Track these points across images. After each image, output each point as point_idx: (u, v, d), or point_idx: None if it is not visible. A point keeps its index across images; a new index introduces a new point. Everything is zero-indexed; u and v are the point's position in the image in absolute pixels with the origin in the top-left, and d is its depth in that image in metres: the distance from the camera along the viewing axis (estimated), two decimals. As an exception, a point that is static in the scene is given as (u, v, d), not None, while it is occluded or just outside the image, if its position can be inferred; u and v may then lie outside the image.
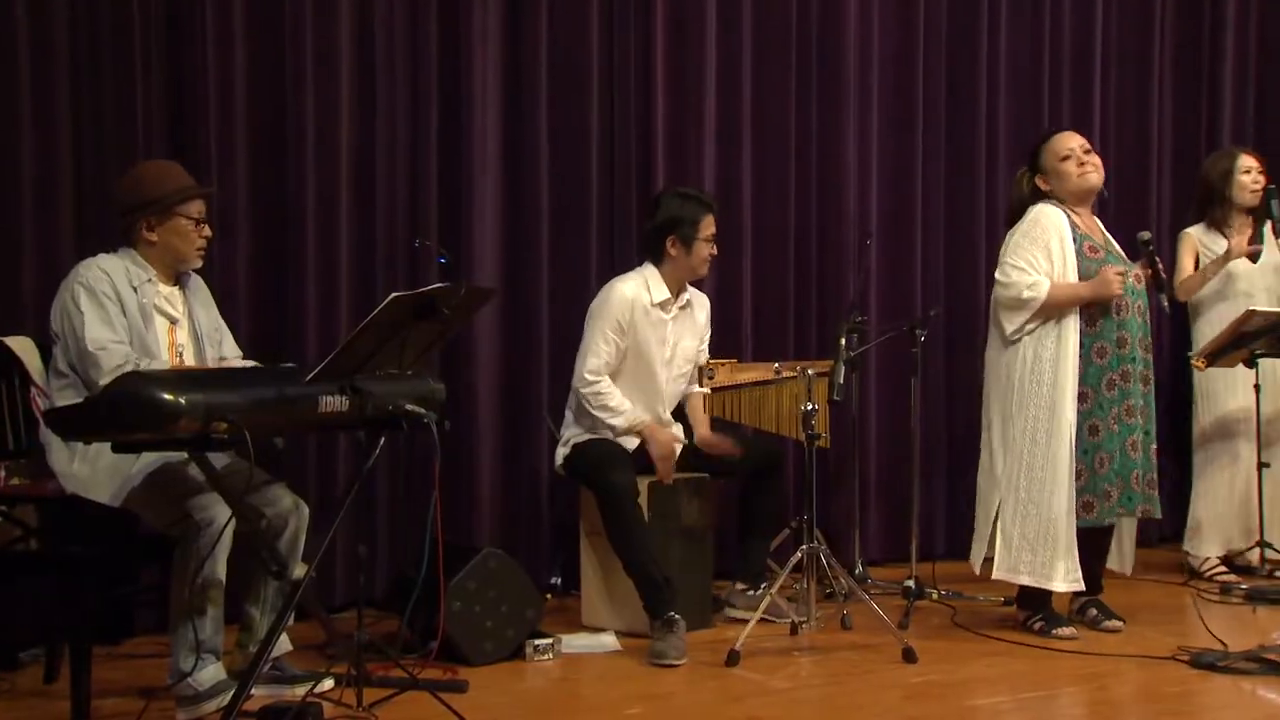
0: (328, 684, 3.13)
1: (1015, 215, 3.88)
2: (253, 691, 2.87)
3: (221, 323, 3.38)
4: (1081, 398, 3.70)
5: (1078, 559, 3.68)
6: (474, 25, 4.35)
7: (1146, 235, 3.79)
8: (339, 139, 4.19)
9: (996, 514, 3.78)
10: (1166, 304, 3.80)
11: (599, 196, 4.56)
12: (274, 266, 4.14)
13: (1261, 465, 4.54)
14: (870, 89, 4.94)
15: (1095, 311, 3.71)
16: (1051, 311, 3.69)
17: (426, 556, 2.98)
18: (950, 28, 5.08)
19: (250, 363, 3.36)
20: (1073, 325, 3.69)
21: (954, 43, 5.09)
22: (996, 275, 3.78)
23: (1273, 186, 4.49)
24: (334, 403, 2.85)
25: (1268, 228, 4.57)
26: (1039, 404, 3.71)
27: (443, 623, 3.25)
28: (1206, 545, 4.64)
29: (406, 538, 4.18)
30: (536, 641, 3.60)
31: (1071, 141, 3.81)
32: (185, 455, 2.92)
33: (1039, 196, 3.84)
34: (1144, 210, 5.29)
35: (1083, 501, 3.70)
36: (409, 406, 2.93)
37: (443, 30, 4.34)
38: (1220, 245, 4.60)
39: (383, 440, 2.99)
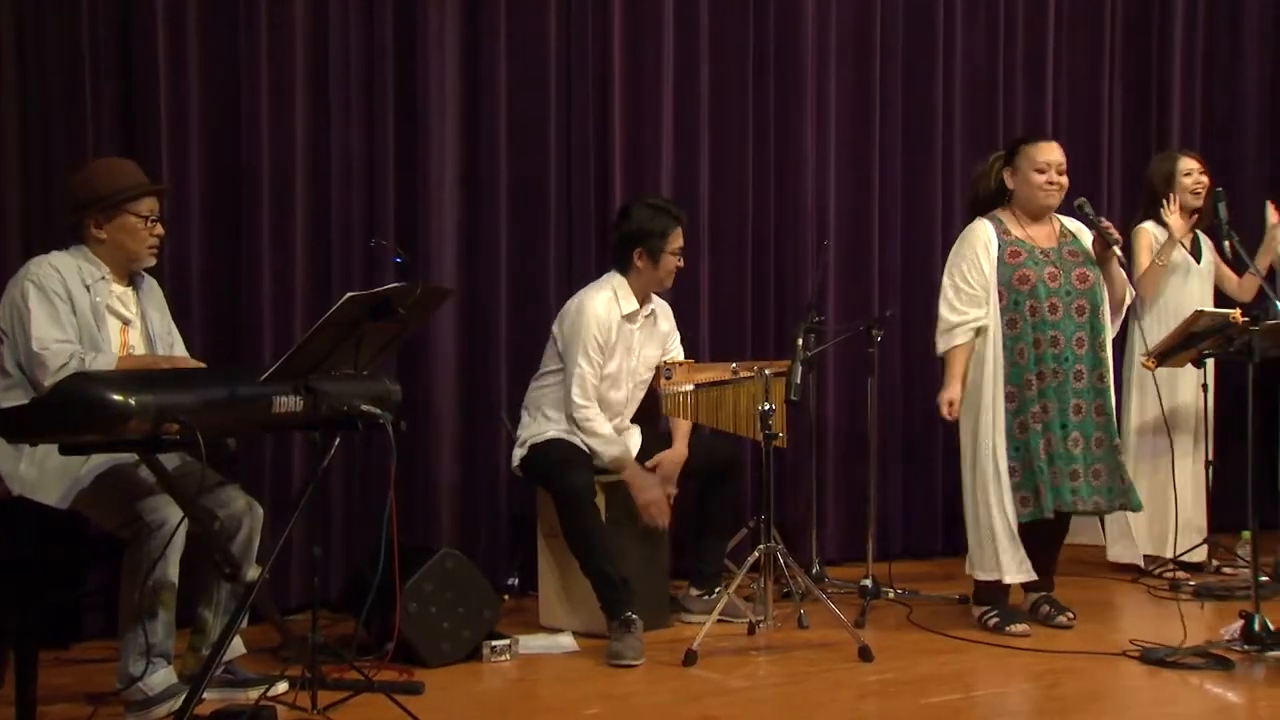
0: (282, 687, 3.10)
1: (979, 203, 3.96)
2: (205, 695, 2.84)
3: (173, 326, 3.34)
4: (1009, 397, 3.82)
5: (1022, 551, 3.79)
6: (430, 25, 4.32)
7: (1081, 200, 3.87)
8: (294, 137, 4.15)
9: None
10: (1120, 254, 3.88)
11: (557, 197, 4.55)
12: (228, 265, 4.09)
13: (1208, 463, 4.60)
14: (828, 90, 4.96)
15: (1015, 315, 3.81)
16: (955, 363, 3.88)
17: (382, 557, 2.96)
18: (906, 31, 5.11)
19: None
20: (994, 329, 3.82)
21: (910, 46, 5.12)
22: (945, 290, 3.91)
23: (1219, 189, 4.56)
24: (288, 403, 2.83)
25: (1204, 235, 4.65)
26: (975, 405, 3.84)
27: (399, 624, 3.23)
28: (1155, 543, 4.70)
29: (362, 539, 4.16)
30: (493, 643, 3.58)
31: (1051, 155, 3.89)
32: (135, 456, 2.88)
33: (1002, 192, 3.92)
34: (1095, 211, 5.33)
35: (1019, 497, 3.79)
36: (364, 407, 2.91)
37: (399, 30, 4.31)
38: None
39: (338, 441, 2.96)
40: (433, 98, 4.32)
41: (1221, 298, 4.79)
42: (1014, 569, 3.80)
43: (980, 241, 3.86)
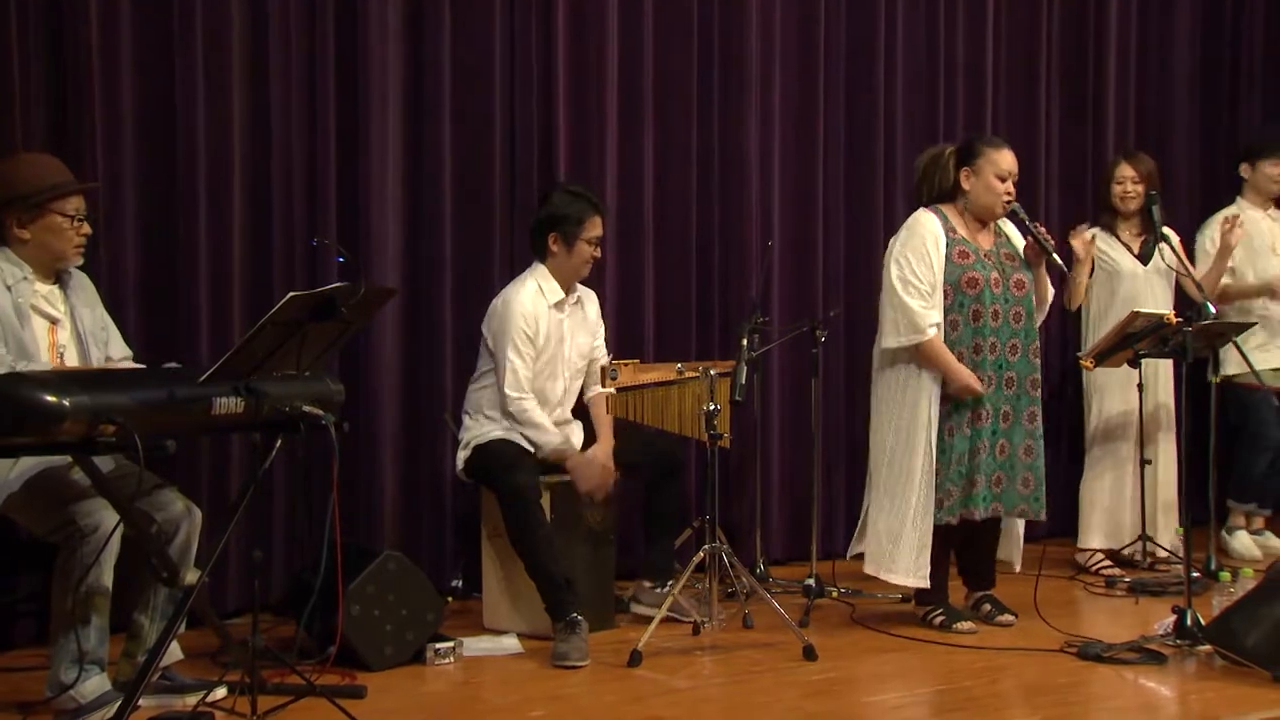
0: (220, 693, 3.05)
1: (929, 195, 3.94)
2: (140, 703, 2.79)
3: (109, 321, 3.27)
4: (942, 400, 3.82)
5: (927, 555, 3.79)
6: (372, 20, 4.27)
7: (1015, 204, 3.89)
8: (232, 133, 4.07)
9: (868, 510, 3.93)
10: (1059, 260, 3.91)
11: (501, 195, 4.52)
12: (164, 264, 4.01)
13: (1144, 462, 4.70)
14: (771, 91, 4.98)
15: (957, 316, 3.84)
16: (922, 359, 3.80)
17: (324, 560, 2.93)
18: (848, 32, 5.15)
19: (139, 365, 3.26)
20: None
21: (852, 47, 5.15)
22: (892, 283, 3.83)
23: (1154, 193, 4.65)
24: (228, 404, 2.79)
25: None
26: (902, 405, 3.83)
27: (341, 627, 3.19)
28: (1094, 540, 4.78)
29: (305, 541, 4.10)
30: (437, 645, 3.56)
31: (1012, 164, 3.89)
32: (68, 459, 2.82)
33: (957, 188, 3.92)
34: (1032, 218, 5.41)
35: (936, 499, 3.81)
36: (307, 408, 2.88)
37: (340, 25, 4.26)
38: (1115, 249, 4.77)
39: (279, 443, 2.92)
40: (374, 94, 4.28)
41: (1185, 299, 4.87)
42: (909, 571, 3.79)
43: (930, 235, 3.83)
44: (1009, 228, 4.01)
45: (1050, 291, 4.04)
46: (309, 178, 4.23)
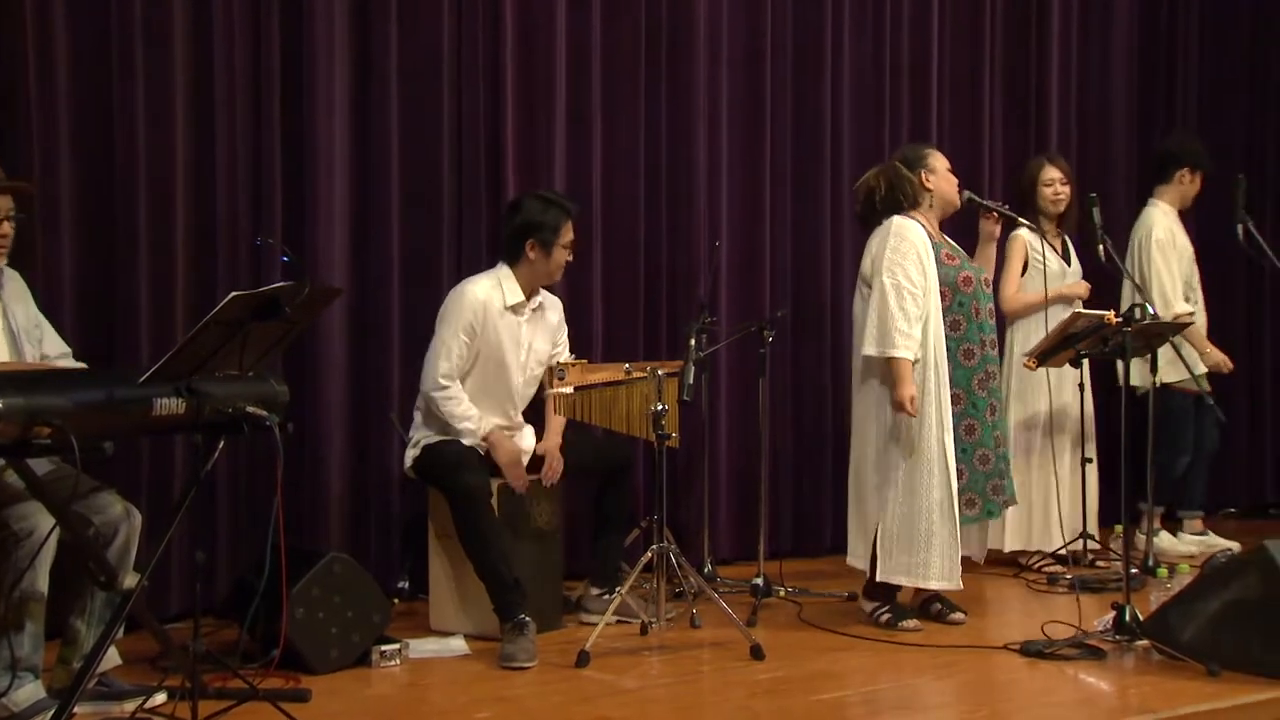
0: (160, 698, 3.01)
1: (886, 206, 3.93)
2: (76, 710, 2.74)
3: (43, 319, 3.21)
4: (954, 400, 3.86)
5: (959, 556, 3.81)
6: (318, 17, 4.23)
7: (967, 193, 4.03)
8: (174, 131, 4.01)
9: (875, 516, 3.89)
10: (1024, 221, 4.03)
11: (449, 196, 4.50)
12: (103, 263, 3.94)
13: (1084, 461, 4.77)
14: (719, 92, 5.00)
15: (959, 315, 3.91)
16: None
17: (268, 562, 2.90)
18: (795, 34, 5.18)
19: (77, 364, 3.20)
20: (934, 330, 3.83)
21: (799, 49, 5.19)
22: (885, 293, 3.78)
23: (1093, 195, 4.71)
24: (169, 405, 2.75)
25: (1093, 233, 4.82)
26: (919, 407, 3.79)
27: (285, 630, 3.16)
28: (1035, 539, 4.84)
29: (249, 543, 4.06)
30: (383, 647, 3.53)
31: (946, 161, 4.07)
32: (1, 462, 2.76)
33: (920, 194, 3.98)
34: (976, 220, 5.49)
35: (965, 499, 3.85)
36: (250, 409, 2.84)
37: (286, 21, 4.21)
38: (1045, 249, 4.82)
39: (222, 444, 2.89)
40: (320, 94, 4.24)
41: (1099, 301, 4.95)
42: (944, 574, 3.79)
43: (920, 241, 3.86)
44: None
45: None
46: (254, 176, 4.18)
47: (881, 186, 3.98)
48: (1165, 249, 5.05)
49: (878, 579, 3.89)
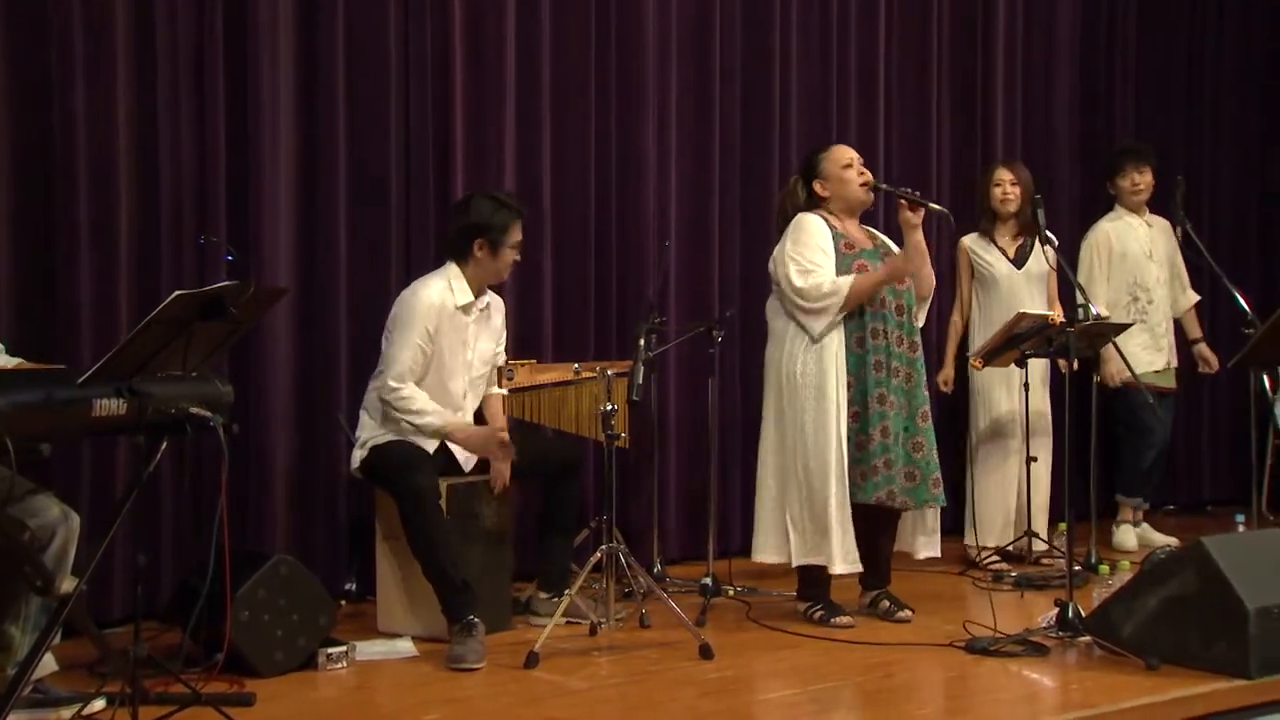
0: (98, 705, 2.96)
1: (786, 223, 4.04)
2: (10, 717, 2.68)
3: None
4: (848, 385, 3.90)
5: (851, 539, 3.86)
6: (262, 12, 4.18)
7: (874, 181, 4.01)
8: (115, 127, 3.93)
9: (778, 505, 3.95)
10: (939, 207, 4.00)
11: (398, 195, 4.46)
12: (43, 261, 3.87)
13: (1029, 459, 4.84)
14: (668, 92, 5.01)
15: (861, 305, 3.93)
16: (854, 305, 3.84)
17: (212, 564, 2.86)
18: (744, 36, 5.20)
19: (16, 360, 3.13)
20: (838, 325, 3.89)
21: (748, 51, 5.21)
22: (791, 281, 3.89)
23: (1038, 197, 4.78)
24: (110, 406, 2.71)
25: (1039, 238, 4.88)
26: (807, 394, 3.88)
27: (229, 633, 3.12)
28: (983, 536, 4.91)
29: (193, 546, 3.99)
30: (329, 649, 3.50)
31: (851, 153, 4.06)
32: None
33: (813, 203, 4.02)
34: (925, 222, 5.54)
35: (850, 484, 3.88)
36: (194, 409, 2.81)
37: (229, 16, 4.15)
38: (991, 253, 4.92)
39: (165, 445, 2.85)
40: (265, 88, 4.19)
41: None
42: (840, 557, 3.86)
43: (818, 229, 3.92)
44: (880, 233, 4.09)
45: (931, 287, 4.09)
46: (198, 173, 4.12)
47: (778, 201, 4.18)
48: (1093, 255, 5.20)
49: (793, 563, 3.94)
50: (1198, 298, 5.43)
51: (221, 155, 4.14)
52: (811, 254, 3.89)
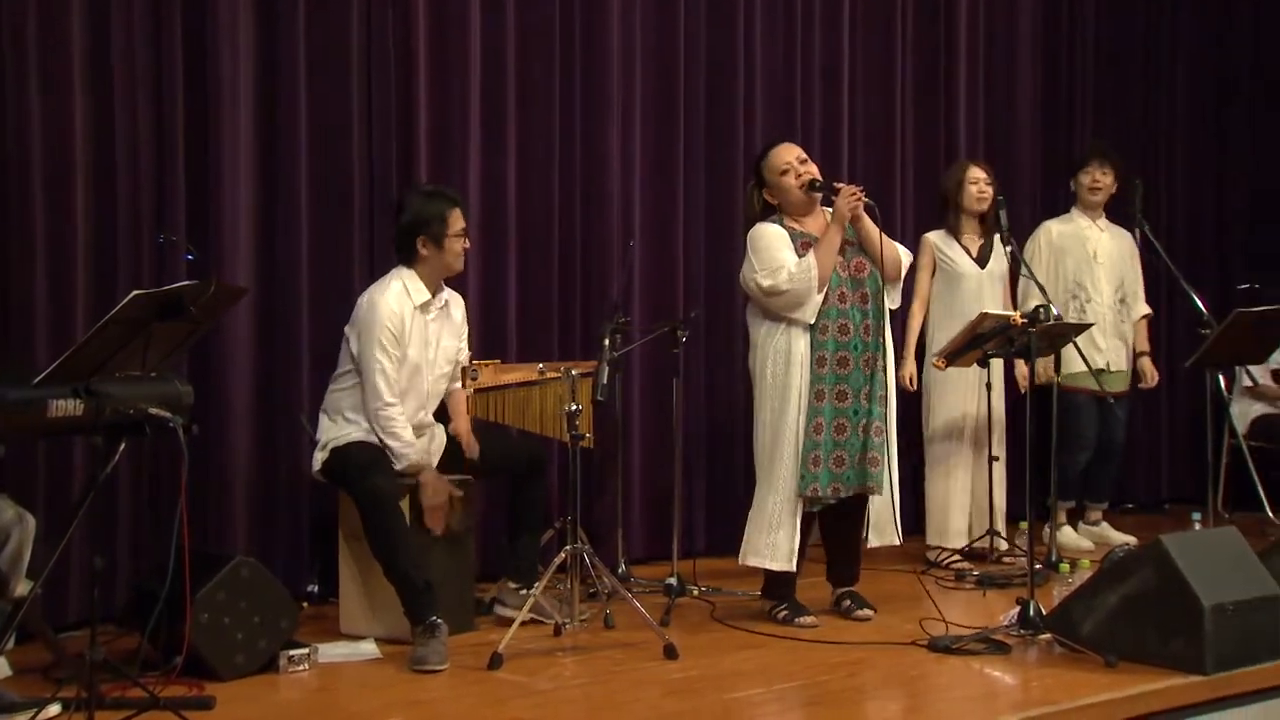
0: (53, 710, 2.92)
1: (750, 225, 4.06)
2: (-33, 722, 2.65)
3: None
4: (809, 385, 3.89)
5: (797, 539, 3.89)
6: (222, 8, 4.14)
7: (808, 179, 3.96)
8: (72, 124, 3.88)
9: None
10: (869, 202, 3.98)
11: (360, 195, 4.43)
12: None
13: (992, 459, 4.88)
14: (633, 92, 5.01)
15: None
16: (828, 276, 3.86)
17: (172, 566, 2.83)
18: (708, 35, 5.20)
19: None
20: (799, 321, 3.89)
21: (712, 50, 5.21)
22: (761, 286, 3.89)
23: (1001, 197, 4.83)
24: (66, 406, 2.68)
25: (998, 236, 4.92)
26: (775, 391, 3.91)
27: (189, 636, 3.08)
28: (943, 536, 4.94)
29: (152, 548, 3.95)
30: (291, 652, 3.47)
31: (788, 155, 4.01)
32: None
33: (769, 210, 4.03)
34: (889, 220, 5.58)
35: (799, 474, 3.88)
36: (153, 410, 2.78)
37: (188, 12, 4.10)
38: (955, 250, 4.95)
39: (123, 446, 2.81)
40: (225, 85, 4.15)
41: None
42: (786, 554, 3.88)
43: (773, 234, 3.94)
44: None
45: (898, 267, 4.04)
46: (156, 171, 4.07)
47: (745, 211, 4.19)
48: (1036, 253, 5.24)
49: (739, 561, 3.96)
50: (1149, 311, 5.44)
51: (180, 153, 4.10)
52: (772, 256, 3.91)
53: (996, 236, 4.92)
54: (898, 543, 4.23)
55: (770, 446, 3.91)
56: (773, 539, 3.88)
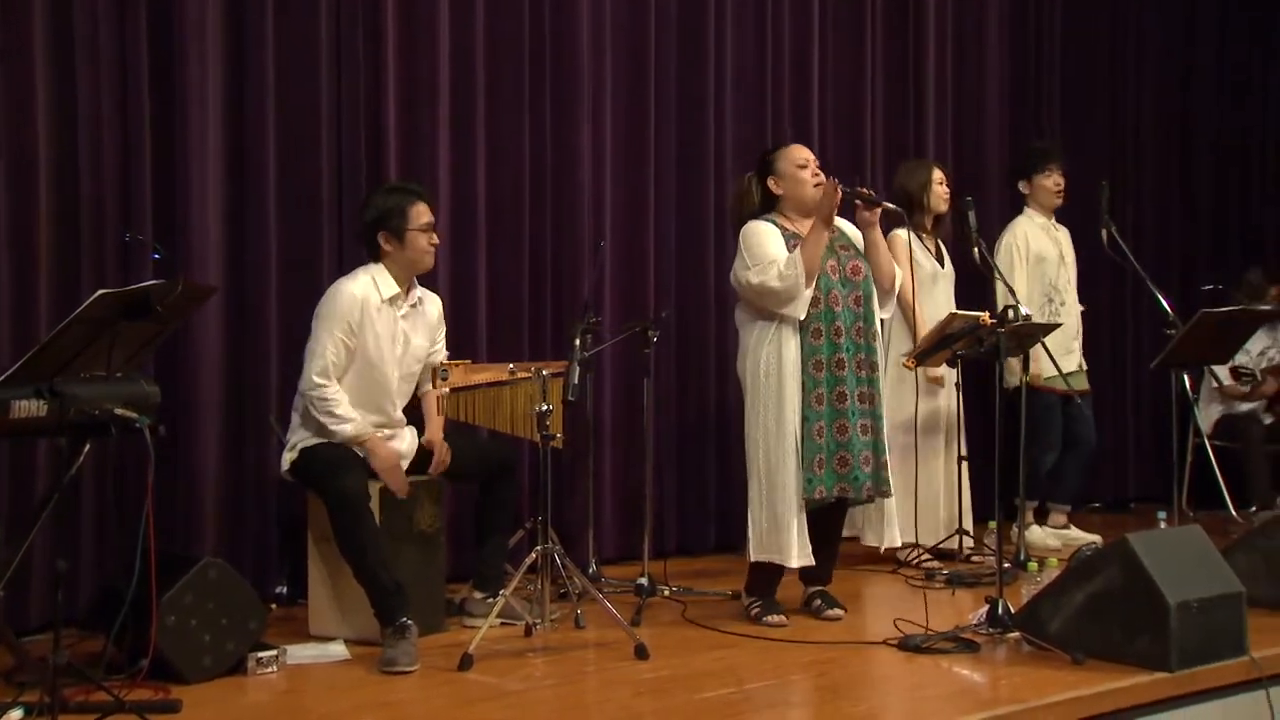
0: (15, 715, 2.88)
1: (743, 220, 4.05)
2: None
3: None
4: (803, 385, 3.92)
5: (807, 534, 3.91)
6: (189, 5, 4.10)
7: (832, 182, 3.96)
8: (34, 121, 3.83)
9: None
10: (894, 206, 4.05)
11: (329, 193, 4.41)
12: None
13: (960, 458, 4.91)
14: (603, 90, 5.00)
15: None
16: (815, 271, 3.87)
17: (138, 568, 2.80)
18: (679, 32, 5.21)
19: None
20: (790, 321, 3.90)
21: (682, 47, 5.21)
22: (751, 283, 3.89)
23: (969, 198, 4.85)
24: (29, 407, 2.65)
25: (941, 238, 4.98)
26: (769, 394, 3.92)
27: (154, 639, 3.05)
28: (910, 534, 4.95)
29: (118, 550, 3.91)
30: (259, 654, 3.44)
31: (806, 153, 4.07)
32: None
33: (767, 201, 4.03)
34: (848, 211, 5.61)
35: (806, 479, 3.89)
36: (119, 410, 2.75)
37: (153, 9, 4.06)
38: (920, 251, 4.95)
39: (88, 447, 2.78)
40: (193, 84, 4.11)
41: (968, 302, 5.09)
42: (797, 552, 3.89)
43: (766, 231, 3.95)
44: (839, 221, 4.10)
45: (896, 281, 4.09)
46: (122, 171, 4.03)
47: (730, 204, 4.18)
48: (1012, 256, 5.26)
49: (750, 558, 3.97)
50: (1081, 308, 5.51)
51: (147, 152, 4.05)
52: (764, 252, 3.92)
53: (940, 239, 4.98)
54: (899, 544, 4.26)
55: (775, 449, 3.89)
56: (786, 539, 3.88)
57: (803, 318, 3.90)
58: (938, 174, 5.03)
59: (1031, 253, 5.30)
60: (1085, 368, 5.48)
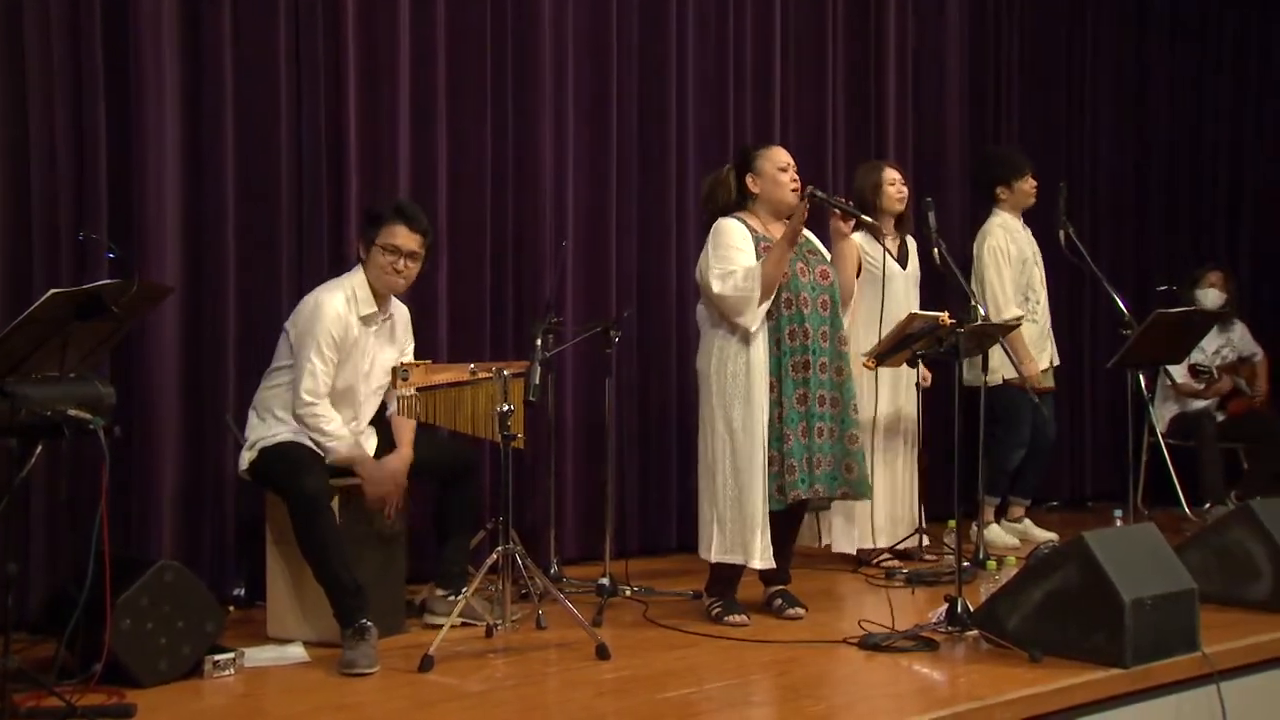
0: (-32, 720, 2.83)
1: (721, 210, 4.06)
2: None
3: None
4: (769, 388, 3.93)
5: (769, 536, 3.92)
6: (144, 4, 4.05)
7: (810, 187, 4.00)
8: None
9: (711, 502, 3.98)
10: (869, 219, 4.09)
11: (289, 194, 4.37)
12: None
13: (920, 458, 4.94)
14: (565, 92, 5.00)
15: (772, 307, 3.95)
16: (773, 286, 3.88)
17: (91, 571, 2.76)
18: (640, 34, 5.21)
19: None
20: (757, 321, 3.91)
21: (644, 49, 5.22)
22: (712, 288, 3.91)
23: (929, 199, 4.88)
24: (-21, 408, 2.60)
25: (911, 239, 5.01)
26: (736, 394, 3.93)
27: (109, 642, 3.01)
28: (873, 535, 4.98)
29: (71, 553, 3.85)
30: (216, 657, 3.41)
31: (788, 157, 4.09)
32: None
33: (741, 198, 4.04)
34: (820, 217, 5.62)
35: (776, 485, 3.91)
36: (72, 411, 2.71)
37: (108, 7, 4.01)
38: (878, 252, 4.95)
39: (39, 449, 2.74)
40: (149, 78, 4.06)
41: (931, 302, 5.13)
42: (759, 553, 3.90)
43: (737, 233, 3.96)
44: (804, 231, 4.12)
45: (851, 294, 4.13)
46: (75, 170, 3.97)
47: (705, 192, 4.17)
48: (998, 258, 5.30)
49: (712, 559, 3.97)
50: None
51: (102, 151, 4.00)
52: (729, 256, 3.92)
53: (909, 237, 5.00)
54: (872, 545, 4.27)
55: (744, 449, 3.90)
56: (752, 539, 3.89)
57: (755, 329, 3.90)
58: (889, 174, 5.02)
59: (1013, 254, 5.35)
60: (1058, 363, 5.55)
